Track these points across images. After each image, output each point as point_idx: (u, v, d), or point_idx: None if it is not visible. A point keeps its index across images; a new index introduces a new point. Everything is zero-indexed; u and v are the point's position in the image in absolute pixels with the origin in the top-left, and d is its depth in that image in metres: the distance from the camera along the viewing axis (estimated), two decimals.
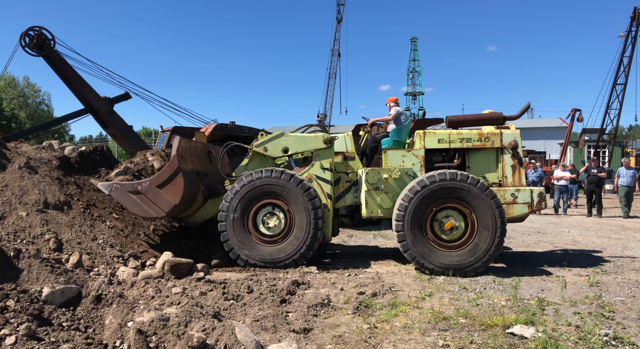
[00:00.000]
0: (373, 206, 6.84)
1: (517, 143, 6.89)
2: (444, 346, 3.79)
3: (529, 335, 3.90)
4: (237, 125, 15.79)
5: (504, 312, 4.55)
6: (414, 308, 4.80)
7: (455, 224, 6.36)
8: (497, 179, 6.97)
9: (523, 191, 6.70)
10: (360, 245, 9.07)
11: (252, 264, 6.58)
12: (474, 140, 6.94)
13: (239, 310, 4.46)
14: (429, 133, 7.03)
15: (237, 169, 7.38)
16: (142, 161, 7.89)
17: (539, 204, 6.70)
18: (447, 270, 6.28)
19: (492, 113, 7.31)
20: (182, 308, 3.88)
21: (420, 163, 6.97)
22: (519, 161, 6.93)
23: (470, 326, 4.23)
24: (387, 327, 4.24)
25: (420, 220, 6.37)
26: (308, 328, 4.10)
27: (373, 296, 5.25)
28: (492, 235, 6.23)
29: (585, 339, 3.80)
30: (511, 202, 6.67)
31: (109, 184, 6.51)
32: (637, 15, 26.44)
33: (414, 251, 6.34)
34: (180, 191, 6.38)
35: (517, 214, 6.70)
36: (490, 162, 7.01)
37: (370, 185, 6.81)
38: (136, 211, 6.50)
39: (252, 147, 7.24)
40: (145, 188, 6.37)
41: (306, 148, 7.20)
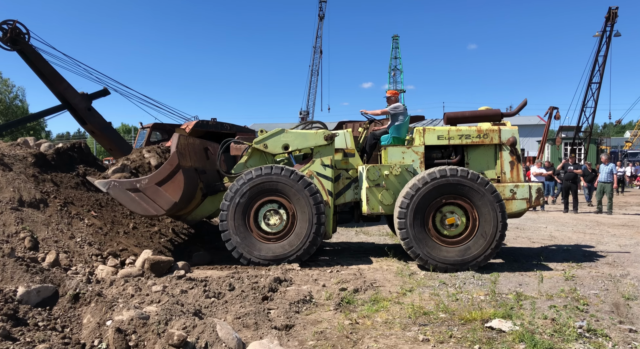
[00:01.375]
0: (374, 203, 6.84)
1: (515, 139, 6.96)
2: (424, 340, 3.83)
3: (507, 329, 3.97)
4: (218, 121, 15.68)
5: (482, 306, 4.62)
6: (395, 304, 4.84)
7: (457, 220, 6.41)
8: (495, 175, 7.04)
9: (522, 187, 6.78)
10: (343, 242, 9.11)
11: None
12: (473, 137, 7.00)
13: (221, 308, 4.44)
14: (428, 129, 7.06)
15: (236, 166, 7.26)
16: (138, 158, 7.75)
17: (537, 200, 6.79)
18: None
19: (489, 110, 7.36)
20: (162, 306, 3.84)
21: (420, 159, 7.02)
22: (517, 157, 7.02)
23: (449, 321, 4.29)
24: (368, 323, 4.27)
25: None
26: (290, 325, 4.11)
27: (355, 292, 5.28)
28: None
29: (560, 332, 3.90)
30: (510, 198, 6.73)
31: (107, 182, 6.37)
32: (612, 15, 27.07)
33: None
34: (180, 188, 6.30)
35: (516, 210, 6.78)
36: (488, 159, 7.07)
37: (371, 181, 6.82)
38: (135, 209, 6.39)
39: (252, 144, 7.16)
40: (144, 185, 6.26)
41: (307, 145, 7.14)
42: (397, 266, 6.59)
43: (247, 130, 16.42)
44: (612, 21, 27.45)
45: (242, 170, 7.16)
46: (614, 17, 27.42)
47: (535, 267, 6.60)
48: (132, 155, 7.85)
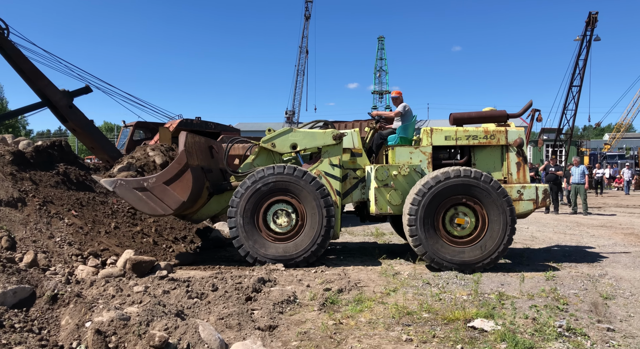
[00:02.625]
0: (382, 203, 6.82)
1: (522, 141, 7.00)
2: (407, 340, 3.85)
3: (489, 328, 4.01)
4: (203, 120, 15.55)
5: (465, 306, 4.66)
6: (378, 304, 4.85)
7: (466, 220, 6.42)
8: (502, 176, 7.07)
9: (528, 188, 6.82)
10: None
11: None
12: (480, 138, 7.04)
13: (203, 308, 4.40)
14: (436, 130, 7.09)
15: (244, 165, 7.21)
16: (143, 156, 7.60)
17: (544, 201, 6.84)
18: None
19: (495, 111, 7.41)
20: (144, 307, 3.78)
21: (427, 160, 7.03)
22: (524, 158, 7.06)
23: (432, 321, 4.31)
24: (352, 323, 4.27)
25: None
26: (273, 325, 4.09)
27: (339, 292, 5.28)
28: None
29: (541, 331, 3.95)
30: (517, 199, 6.75)
31: (113, 180, 6.23)
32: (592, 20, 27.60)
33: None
34: (189, 187, 6.23)
35: (523, 210, 6.79)
36: (495, 159, 7.12)
37: (380, 181, 6.80)
38: (142, 209, 6.29)
39: (260, 143, 7.09)
40: (151, 184, 6.16)
41: (315, 144, 7.11)
42: (381, 266, 6.60)
43: (231, 129, 16.33)
44: (592, 26, 27.98)
45: (249, 169, 7.13)
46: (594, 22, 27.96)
47: (517, 267, 6.68)
48: (137, 153, 7.71)
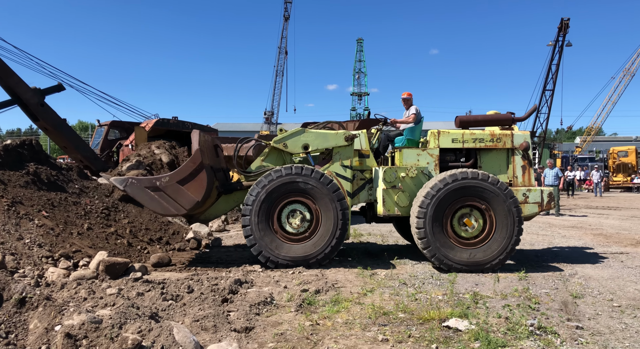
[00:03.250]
0: (390, 205, 6.85)
1: (528, 144, 7.10)
2: (384, 340, 3.87)
3: (463, 328, 4.07)
4: (179, 120, 15.37)
5: (440, 306, 4.72)
6: (355, 304, 4.87)
7: (474, 222, 6.48)
8: (507, 179, 7.16)
9: (534, 191, 6.91)
10: None
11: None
12: (487, 141, 7.12)
13: (178, 310, 4.33)
14: (443, 132, 7.15)
15: (253, 165, 7.15)
16: (149, 154, 7.41)
17: (549, 204, 6.94)
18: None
19: (500, 115, 7.51)
20: (116, 309, 3.71)
21: (434, 162, 7.07)
22: (529, 162, 7.16)
23: (408, 321, 4.35)
24: (329, 323, 4.27)
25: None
26: (250, 327, 4.06)
27: (316, 293, 5.28)
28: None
29: (513, 330, 4.02)
30: (523, 202, 6.82)
31: (124, 179, 6.09)
32: (563, 26, 28.39)
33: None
34: (203, 187, 6.16)
35: (528, 213, 6.89)
36: (501, 162, 7.20)
37: (388, 183, 6.82)
38: (154, 208, 6.17)
39: (272, 143, 7.05)
40: (164, 184, 6.04)
41: (327, 145, 7.09)
42: (358, 267, 6.63)
43: (209, 129, 16.18)
44: (564, 31, 28.77)
45: (259, 168, 7.07)
46: (566, 28, 28.75)
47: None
48: (142, 150, 7.51)
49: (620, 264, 7.10)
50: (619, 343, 3.86)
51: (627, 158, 34.72)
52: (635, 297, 5.22)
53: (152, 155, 7.30)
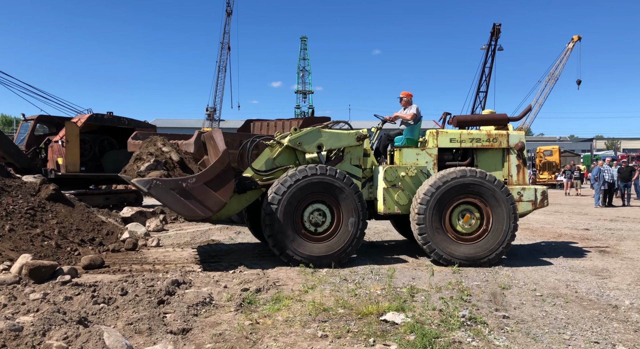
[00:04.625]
0: (390, 203, 6.99)
1: (523, 144, 7.36)
2: (323, 336, 3.91)
3: (400, 321, 4.19)
4: (115, 116, 14.66)
5: (379, 301, 4.83)
6: (296, 302, 4.88)
7: (472, 218, 6.69)
8: (502, 178, 7.36)
9: (528, 190, 7.16)
10: (249, 242, 9.00)
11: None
12: (483, 141, 7.33)
13: (110, 314, 4.14)
14: (441, 132, 7.34)
15: (265, 163, 7.01)
16: (158, 152, 6.79)
17: (542, 202, 7.20)
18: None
19: (496, 115, 7.73)
20: (40, 315, 3.48)
21: (433, 161, 7.24)
22: (524, 161, 7.40)
23: (347, 316, 4.42)
24: (269, 322, 4.25)
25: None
26: (187, 328, 3.95)
27: (257, 292, 5.24)
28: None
29: (446, 322, 4.20)
30: (517, 200, 7.05)
31: (148, 180, 5.70)
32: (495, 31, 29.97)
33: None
34: (231, 188, 6.06)
35: (522, 211, 7.11)
36: (497, 161, 7.42)
37: (388, 182, 6.96)
38: (180, 211, 5.90)
39: (286, 142, 6.97)
40: (191, 185, 5.79)
41: (339, 144, 7.16)
42: (301, 264, 6.65)
43: (147, 126, 15.57)
44: (496, 36, 30.38)
45: (270, 167, 6.99)
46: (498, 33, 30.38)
47: (427, 261, 7.04)
48: (149, 148, 6.89)
49: (544, 256, 7.61)
50: (540, 329, 4.14)
51: (552, 157, 37.22)
52: (555, 286, 5.61)
53: (162, 154, 6.83)
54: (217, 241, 9.03)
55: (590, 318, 4.46)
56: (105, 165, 14.61)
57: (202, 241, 9.09)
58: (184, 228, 10.68)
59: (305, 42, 75.81)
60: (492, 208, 6.68)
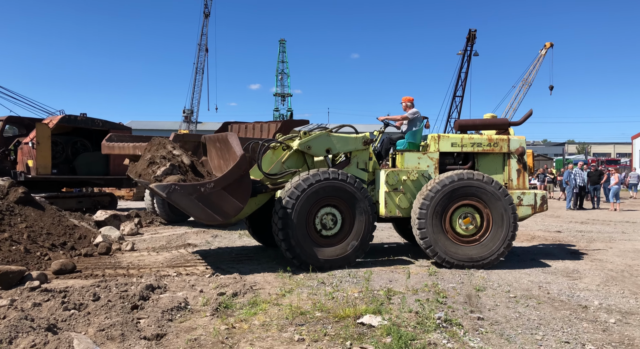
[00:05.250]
0: (391, 207, 7.07)
1: (524, 149, 7.43)
2: (300, 340, 3.89)
3: (376, 323, 4.21)
4: (88, 117, 14.36)
5: (356, 303, 4.84)
6: (273, 305, 4.85)
7: (472, 221, 6.76)
8: (503, 182, 7.43)
9: (528, 194, 7.24)
10: (226, 246, 8.90)
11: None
12: (484, 145, 7.40)
13: (81, 320, 4.03)
14: (443, 137, 7.41)
15: (274, 167, 7.08)
16: (169, 155, 6.65)
17: (541, 206, 7.27)
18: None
19: (497, 119, 7.78)
20: (6, 322, 3.36)
21: (434, 165, 7.32)
22: (524, 166, 7.46)
23: (325, 319, 4.42)
24: (245, 326, 4.22)
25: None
26: (161, 334, 3.88)
27: (234, 296, 5.18)
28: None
29: (422, 324, 4.24)
30: (517, 204, 7.13)
31: (166, 185, 5.63)
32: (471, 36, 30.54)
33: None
34: (248, 193, 6.06)
35: (522, 215, 7.19)
36: (497, 166, 7.50)
37: (390, 186, 7.05)
38: (199, 216, 5.85)
39: (296, 146, 7.04)
40: (210, 190, 5.74)
41: (347, 148, 7.26)
42: (278, 268, 6.61)
43: (121, 127, 15.30)
44: (472, 42, 30.94)
45: (279, 170, 7.04)
46: (473, 39, 30.95)
47: (404, 264, 7.10)
48: (159, 152, 6.71)
49: (517, 258, 7.75)
50: (513, 330, 4.21)
51: None
52: (529, 288, 5.73)
53: (174, 157, 6.70)
54: (193, 245, 8.90)
55: (561, 318, 4.57)
56: (78, 167, 14.28)
57: (178, 245, 8.95)
58: (160, 232, 10.51)
59: (284, 44, 75.77)
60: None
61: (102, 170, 14.62)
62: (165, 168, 6.32)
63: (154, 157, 6.60)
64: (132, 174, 7.09)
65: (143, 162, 6.80)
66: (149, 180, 6.15)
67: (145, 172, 6.43)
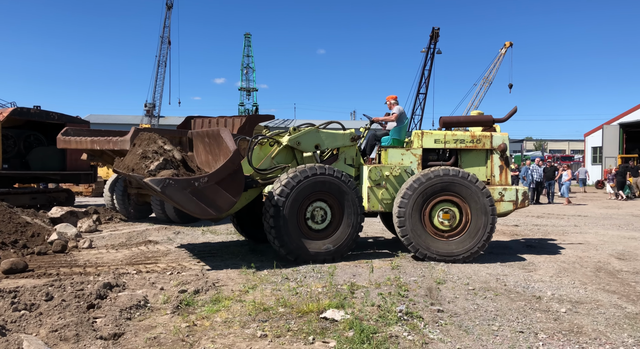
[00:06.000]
0: (374, 201, 7.24)
1: (506, 146, 7.52)
2: (262, 336, 3.87)
3: (339, 318, 4.24)
4: (42, 110, 13.77)
5: (320, 298, 4.86)
6: (236, 302, 4.80)
7: (451, 216, 6.87)
8: (485, 178, 7.55)
9: (509, 190, 7.35)
10: (189, 243, 8.74)
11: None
12: (467, 142, 7.49)
13: (33, 321, 3.86)
14: (426, 133, 7.52)
15: (264, 163, 7.15)
16: (161, 151, 6.53)
17: (523, 202, 7.37)
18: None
19: (482, 116, 7.84)
20: None
21: (417, 161, 7.44)
22: (506, 162, 7.56)
23: (288, 315, 4.41)
24: (207, 323, 4.16)
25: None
26: (119, 333, 3.78)
27: (195, 293, 5.10)
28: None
29: (384, 317, 4.30)
30: (498, 200, 7.26)
31: (161, 180, 5.59)
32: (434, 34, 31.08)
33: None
34: (241, 188, 6.16)
35: (503, 210, 7.32)
36: (480, 162, 7.61)
37: (373, 181, 7.19)
38: (193, 210, 5.85)
39: (286, 142, 7.14)
40: (203, 184, 5.78)
41: (335, 144, 7.44)
42: (242, 265, 6.55)
43: (79, 121, 14.75)
44: (435, 40, 31.50)
45: (269, 165, 7.12)
46: (437, 37, 31.51)
47: (367, 258, 7.18)
48: (151, 146, 6.58)
49: None
50: (471, 321, 4.33)
51: None
52: (487, 280, 5.91)
53: (165, 152, 6.62)
54: (154, 241, 8.70)
55: (516, 309, 4.73)
56: (31, 162, 13.68)
57: (138, 242, 8.73)
58: (119, 229, 10.22)
59: (249, 39, 74.73)
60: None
61: (58, 165, 14.06)
62: (158, 162, 6.32)
63: (146, 151, 6.60)
64: (120, 168, 7.11)
65: (134, 156, 6.79)
66: (143, 174, 6.13)
67: (138, 166, 6.42)
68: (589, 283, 5.82)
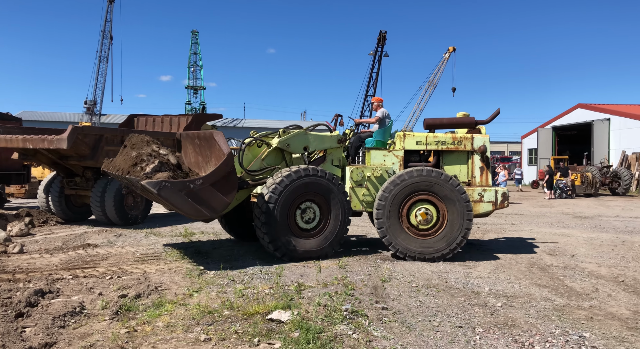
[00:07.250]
0: (356, 201, 7.47)
1: (486, 147, 7.65)
2: (206, 340, 3.80)
3: (285, 319, 4.23)
4: None
5: (266, 300, 4.83)
6: (180, 306, 4.68)
7: (429, 215, 7.00)
8: (466, 179, 7.70)
9: (489, 191, 7.48)
10: (130, 246, 8.41)
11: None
12: (448, 143, 7.63)
13: None
14: (408, 135, 7.68)
15: (254, 164, 7.35)
16: (155, 153, 6.47)
17: (502, 203, 7.49)
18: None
19: (465, 118, 7.93)
20: None
21: (399, 162, 7.59)
22: (487, 163, 7.67)
23: (233, 317, 4.35)
24: (148, 329, 4.02)
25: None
26: (50, 342, 3.58)
27: (136, 298, 4.92)
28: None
29: (330, 316, 4.33)
30: (478, 200, 7.41)
31: (157, 182, 5.68)
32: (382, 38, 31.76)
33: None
34: (235, 190, 6.32)
35: (483, 211, 7.47)
36: (461, 163, 7.75)
37: (355, 182, 7.43)
38: (188, 212, 6.01)
39: (275, 144, 7.36)
40: (199, 186, 5.92)
41: (323, 146, 7.68)
42: (186, 267, 6.40)
43: (10, 118, 13.86)
44: (382, 43, 32.19)
45: (259, 167, 7.34)
46: (384, 40, 32.22)
47: (315, 258, 7.21)
48: (144, 149, 6.53)
49: None
50: (414, 318, 4.46)
51: None
52: (429, 277, 6.10)
53: (159, 155, 6.57)
54: (93, 245, 8.30)
55: (456, 305, 4.92)
56: None
57: (76, 245, 8.29)
58: (55, 232, 9.68)
59: (196, 36, 73.15)
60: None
61: None
62: (154, 165, 6.32)
63: (141, 154, 6.61)
64: (111, 170, 7.10)
65: (127, 158, 6.77)
66: (139, 177, 6.10)
67: (133, 169, 6.40)
68: (522, 278, 6.15)
